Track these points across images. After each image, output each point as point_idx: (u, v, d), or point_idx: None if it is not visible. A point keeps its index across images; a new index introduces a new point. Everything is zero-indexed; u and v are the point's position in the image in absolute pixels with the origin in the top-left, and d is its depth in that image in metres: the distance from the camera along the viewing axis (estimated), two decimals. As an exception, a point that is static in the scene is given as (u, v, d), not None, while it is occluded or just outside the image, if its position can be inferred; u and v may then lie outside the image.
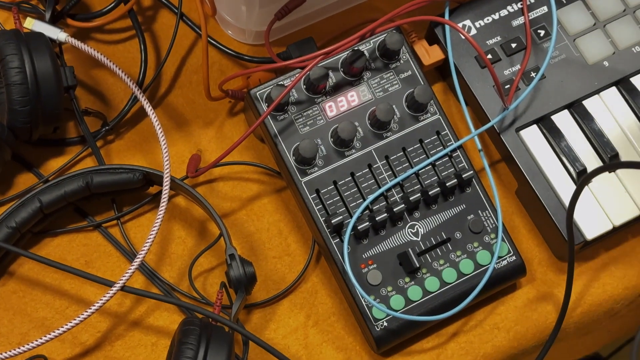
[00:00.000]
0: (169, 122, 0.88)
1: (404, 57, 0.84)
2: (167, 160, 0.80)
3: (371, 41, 0.84)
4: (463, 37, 0.85)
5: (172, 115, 0.88)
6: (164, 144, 0.81)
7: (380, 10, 0.93)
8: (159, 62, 0.89)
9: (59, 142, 0.86)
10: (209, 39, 0.87)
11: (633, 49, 0.87)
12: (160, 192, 0.82)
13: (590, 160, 0.84)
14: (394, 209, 0.80)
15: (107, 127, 0.86)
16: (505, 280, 0.82)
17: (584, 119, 0.85)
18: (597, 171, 0.70)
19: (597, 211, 0.82)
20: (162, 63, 0.88)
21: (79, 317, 0.76)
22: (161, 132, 0.81)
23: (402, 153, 0.83)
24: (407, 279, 0.80)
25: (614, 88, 0.86)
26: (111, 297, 0.76)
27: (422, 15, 0.85)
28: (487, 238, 0.82)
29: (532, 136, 0.84)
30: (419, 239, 0.81)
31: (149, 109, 0.82)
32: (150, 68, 0.89)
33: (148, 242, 0.77)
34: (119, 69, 0.83)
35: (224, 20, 0.90)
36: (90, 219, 0.84)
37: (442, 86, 0.90)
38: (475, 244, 0.81)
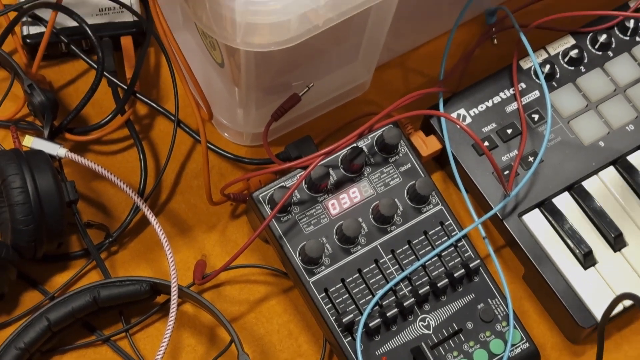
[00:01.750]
0: (172, 228, 0.88)
1: (403, 150, 0.85)
2: (174, 269, 0.80)
3: (369, 137, 0.85)
4: (459, 127, 0.86)
5: (175, 222, 0.88)
6: (169, 252, 0.81)
7: (374, 103, 0.94)
8: (158, 170, 0.90)
9: (63, 257, 0.85)
10: (207, 144, 0.87)
11: (627, 127, 0.88)
12: (168, 301, 0.82)
13: (595, 240, 0.84)
14: (404, 303, 0.80)
15: (110, 239, 0.85)
16: (520, 368, 0.81)
17: (584, 200, 0.85)
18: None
19: (607, 292, 0.82)
20: (162, 171, 0.88)
21: None
22: (165, 240, 0.81)
23: (407, 246, 0.83)
24: (422, 374, 0.80)
25: (611, 167, 0.87)
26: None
27: (416, 108, 0.86)
28: (498, 326, 0.81)
29: (535, 220, 0.85)
30: (430, 332, 0.81)
31: (151, 217, 0.82)
32: (150, 176, 0.89)
33: (159, 355, 0.76)
34: (119, 180, 0.83)
35: (221, 124, 0.91)
36: (98, 333, 0.83)
37: (442, 175, 0.91)
38: (488, 333, 0.81)
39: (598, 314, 0.82)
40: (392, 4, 0.82)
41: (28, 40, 0.90)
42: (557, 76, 0.89)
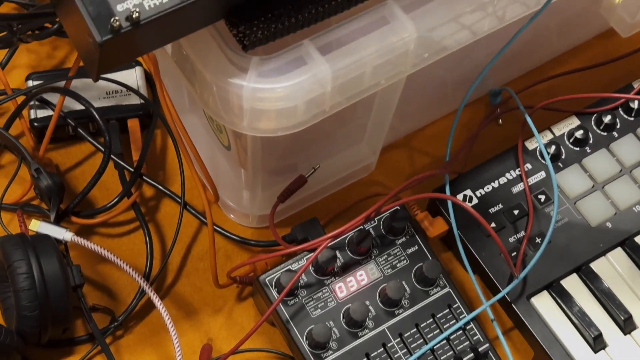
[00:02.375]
0: (178, 312, 0.87)
1: (409, 231, 0.85)
2: (179, 353, 0.80)
3: (376, 219, 0.85)
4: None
5: (181, 305, 0.88)
6: (175, 336, 0.80)
7: (380, 184, 0.94)
8: (164, 252, 0.90)
9: (67, 342, 0.85)
10: (213, 226, 0.87)
11: (634, 208, 0.88)
12: (173, 386, 0.81)
13: (605, 323, 0.83)
14: (413, 388, 0.79)
15: (115, 323, 0.85)
16: None
17: (593, 282, 0.85)
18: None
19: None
20: (168, 253, 0.88)
21: None
22: (171, 324, 0.81)
23: (415, 329, 0.82)
24: None
25: (619, 248, 0.86)
26: None
27: (422, 188, 0.86)
28: (509, 411, 0.80)
29: (544, 303, 0.84)
30: (440, 417, 0.80)
31: (157, 301, 0.82)
32: (156, 258, 0.89)
33: None
34: (125, 263, 0.83)
35: (227, 206, 0.91)
36: (103, 419, 0.82)
37: (449, 256, 0.90)
38: (498, 419, 0.80)
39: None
40: (398, 87, 0.82)
41: (35, 124, 0.91)
42: (563, 157, 0.90)
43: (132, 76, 0.93)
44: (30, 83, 0.92)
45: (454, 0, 0.75)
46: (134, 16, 0.61)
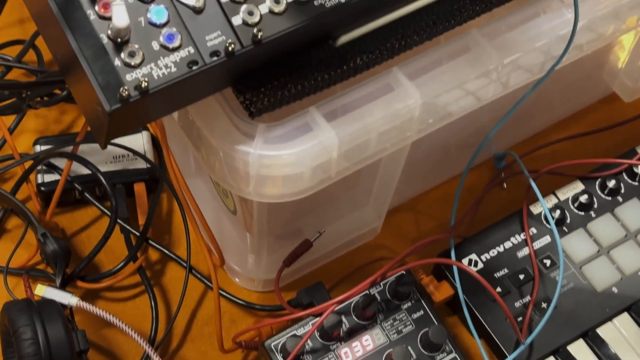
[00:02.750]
0: (183, 377, 0.87)
1: (415, 296, 0.85)
2: (184, 420, 0.79)
3: (381, 283, 0.85)
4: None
5: (186, 370, 0.87)
6: (180, 402, 0.80)
7: (385, 248, 0.94)
8: (169, 316, 0.89)
9: (72, 407, 0.84)
10: (219, 290, 0.87)
11: (639, 273, 0.88)
12: None
13: (612, 389, 0.83)
14: None
15: (120, 388, 0.85)
16: None
17: (600, 348, 0.84)
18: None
19: None
20: (173, 318, 0.88)
21: None
22: (176, 390, 0.80)
23: (421, 395, 0.82)
24: None
25: (626, 314, 0.86)
26: None
27: (427, 254, 0.86)
28: None
29: (551, 369, 0.84)
30: None
31: (162, 367, 0.82)
32: (161, 322, 0.89)
33: None
34: (130, 328, 0.82)
35: (232, 270, 0.91)
36: None
37: (455, 320, 0.90)
38: None
39: None
40: (403, 152, 0.83)
41: (42, 188, 0.91)
42: (568, 221, 0.90)
43: (139, 140, 0.94)
44: (38, 148, 0.93)
45: (459, 67, 0.76)
46: (142, 85, 0.62)
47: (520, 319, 0.85)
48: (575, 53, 0.82)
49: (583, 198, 0.90)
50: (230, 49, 0.65)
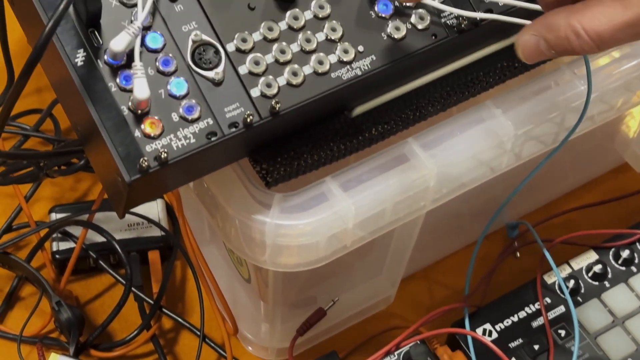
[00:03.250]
0: None
1: (429, 366, 0.85)
2: None
3: (395, 353, 0.84)
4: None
5: None
6: None
7: (399, 316, 0.94)
8: (182, 385, 0.89)
9: None
10: (232, 358, 0.87)
11: (655, 344, 0.87)
12: None
13: None
14: None
15: None
16: None
17: (617, 419, 0.84)
18: None
19: None
20: (186, 388, 0.88)
21: None
22: None
23: None
24: None
25: (642, 386, 0.86)
26: None
27: (441, 323, 0.86)
28: None
29: None
30: None
31: None
32: (173, 393, 0.89)
33: None
34: (144, 397, 0.83)
35: (245, 338, 0.91)
36: None
37: (468, 391, 0.90)
38: None
39: None
40: (417, 221, 0.83)
41: (57, 256, 0.91)
42: (582, 291, 0.90)
43: (154, 208, 0.95)
44: (54, 216, 0.93)
45: (473, 138, 0.77)
46: (162, 156, 0.63)
47: (536, 390, 0.84)
48: (588, 124, 0.82)
49: (597, 268, 0.90)
50: (248, 120, 0.65)
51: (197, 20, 0.66)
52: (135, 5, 0.65)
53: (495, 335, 0.88)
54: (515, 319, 0.88)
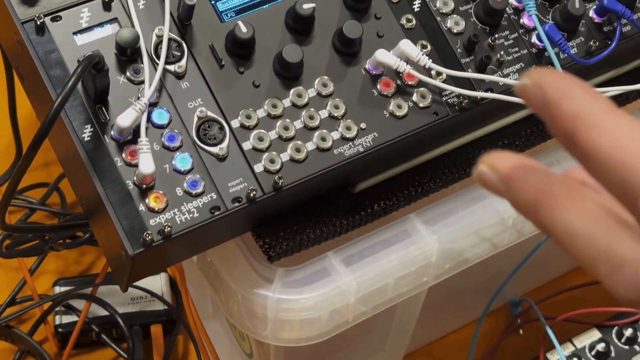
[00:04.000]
0: None
1: None
2: None
3: None
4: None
5: None
6: None
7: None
8: None
9: None
10: None
11: (660, 422, 0.87)
12: None
13: None
14: None
15: None
16: None
17: None
18: None
19: None
20: None
21: None
22: None
23: None
24: None
25: None
26: None
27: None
28: None
29: None
30: None
31: None
32: None
33: None
34: None
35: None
36: None
37: None
38: None
39: None
40: (420, 297, 0.83)
41: (60, 330, 0.91)
42: (585, 369, 0.89)
43: (157, 282, 0.95)
44: (58, 289, 0.94)
45: (475, 215, 0.77)
46: (165, 230, 0.63)
47: None
48: (589, 201, 0.83)
49: (600, 346, 0.90)
50: (251, 195, 0.66)
51: (203, 97, 0.68)
52: (142, 82, 0.66)
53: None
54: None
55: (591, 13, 0.77)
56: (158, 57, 0.67)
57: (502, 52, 0.74)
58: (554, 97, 0.39)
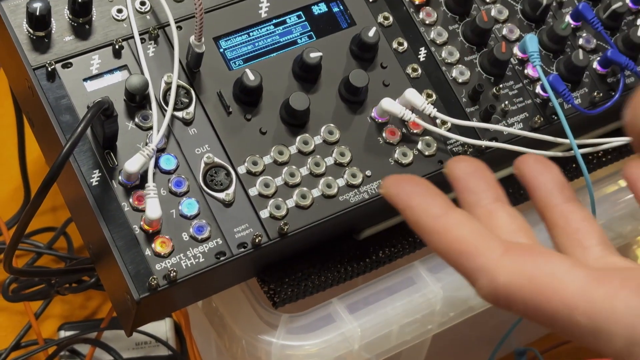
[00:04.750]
0: None
1: None
2: None
3: None
4: None
5: None
6: None
7: None
8: None
9: None
10: None
11: None
12: None
13: None
14: None
15: None
16: None
17: None
18: None
19: None
20: None
21: None
22: None
23: None
24: None
25: None
26: None
27: None
28: None
29: None
30: None
31: None
32: None
33: None
34: None
35: None
36: None
37: None
38: None
39: None
40: (424, 345, 0.83)
41: (64, 374, 0.92)
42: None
43: (162, 327, 0.95)
44: (63, 333, 0.94)
45: (479, 263, 0.77)
46: (171, 275, 0.64)
47: None
48: (594, 250, 0.83)
49: (605, 395, 0.89)
50: (257, 241, 0.67)
51: (210, 143, 0.69)
52: (150, 128, 0.67)
53: None
54: None
55: (595, 64, 0.78)
56: (167, 104, 0.68)
57: (506, 102, 0.75)
58: (400, 208, 0.48)
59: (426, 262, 0.76)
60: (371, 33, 0.72)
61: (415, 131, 0.72)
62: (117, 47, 0.69)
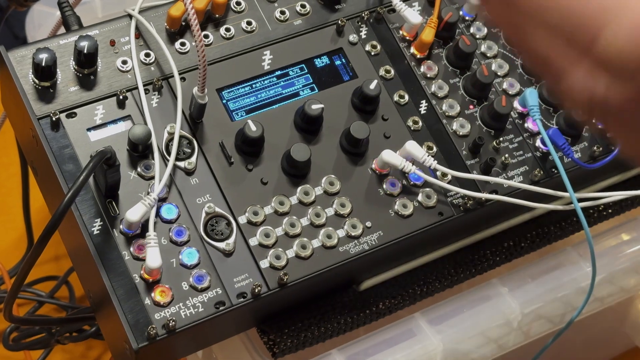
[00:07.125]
0: None
1: None
2: None
3: None
4: None
5: None
6: None
7: None
8: None
9: None
10: None
11: None
12: None
13: None
14: None
15: None
16: None
17: None
18: None
19: None
20: None
21: None
22: None
23: None
24: None
25: None
26: None
27: None
28: None
29: None
30: None
31: None
32: None
33: None
34: None
35: None
36: None
37: None
38: None
39: None
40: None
41: None
42: None
43: (162, 378, 0.95)
44: (63, 383, 0.94)
45: (480, 315, 0.77)
46: (170, 324, 0.64)
47: None
48: (596, 305, 0.83)
49: None
50: (256, 291, 0.67)
51: (211, 193, 0.69)
52: (152, 177, 0.68)
53: None
54: None
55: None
56: (169, 154, 0.68)
57: (506, 155, 0.75)
58: None
59: (427, 313, 0.76)
60: (372, 86, 0.73)
61: (415, 183, 0.73)
62: (121, 97, 0.69)
